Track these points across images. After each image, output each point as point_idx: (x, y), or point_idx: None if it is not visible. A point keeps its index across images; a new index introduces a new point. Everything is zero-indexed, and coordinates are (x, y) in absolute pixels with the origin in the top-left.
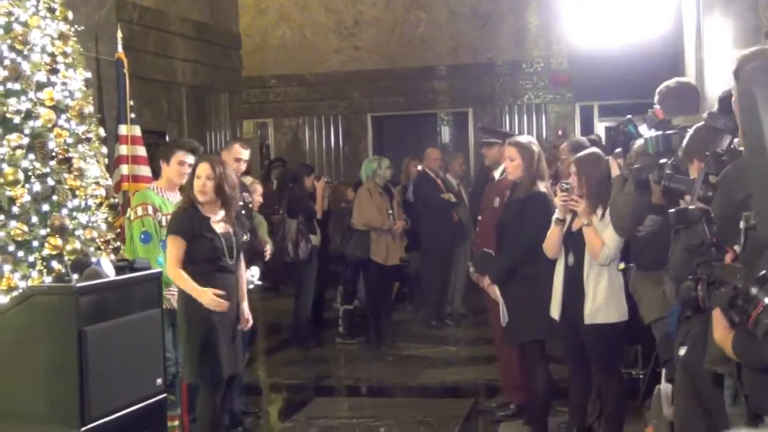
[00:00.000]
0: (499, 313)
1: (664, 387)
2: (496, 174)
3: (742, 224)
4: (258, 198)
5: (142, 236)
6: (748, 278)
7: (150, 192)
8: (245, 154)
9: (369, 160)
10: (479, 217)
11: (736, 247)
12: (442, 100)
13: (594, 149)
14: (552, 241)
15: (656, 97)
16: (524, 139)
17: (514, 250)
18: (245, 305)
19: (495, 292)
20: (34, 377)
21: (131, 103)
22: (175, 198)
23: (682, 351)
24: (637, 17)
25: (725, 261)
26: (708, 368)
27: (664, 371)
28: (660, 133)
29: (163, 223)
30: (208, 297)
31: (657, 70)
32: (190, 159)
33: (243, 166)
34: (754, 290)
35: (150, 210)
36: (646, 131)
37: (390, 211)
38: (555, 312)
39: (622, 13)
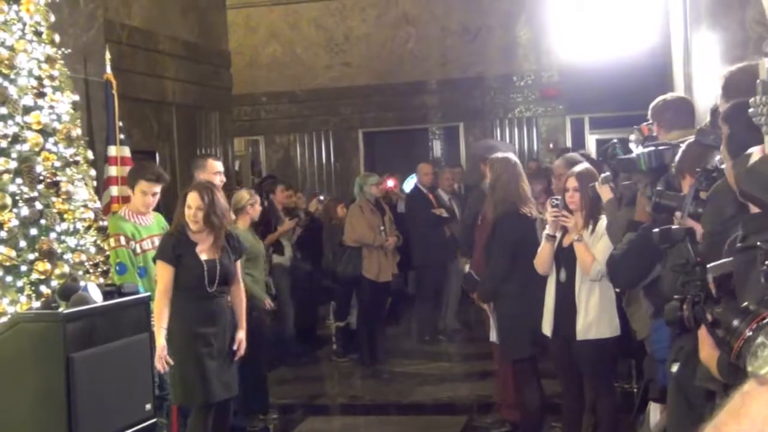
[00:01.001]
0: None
1: (652, 406)
2: None
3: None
4: (257, 209)
5: (117, 268)
6: (731, 308)
7: (120, 219)
8: (220, 165)
9: (360, 176)
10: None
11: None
12: (433, 115)
13: (588, 165)
14: (543, 257)
15: (650, 112)
16: (498, 155)
17: (492, 270)
18: (241, 333)
19: (489, 309)
20: (22, 404)
21: (120, 123)
22: (146, 221)
23: (675, 368)
24: (626, 31)
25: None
26: (699, 385)
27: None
28: (652, 149)
29: (138, 250)
30: (158, 347)
31: (646, 83)
32: (155, 188)
33: (222, 178)
34: (735, 322)
35: (123, 240)
36: (635, 148)
37: (382, 228)
38: (547, 328)
39: (611, 26)
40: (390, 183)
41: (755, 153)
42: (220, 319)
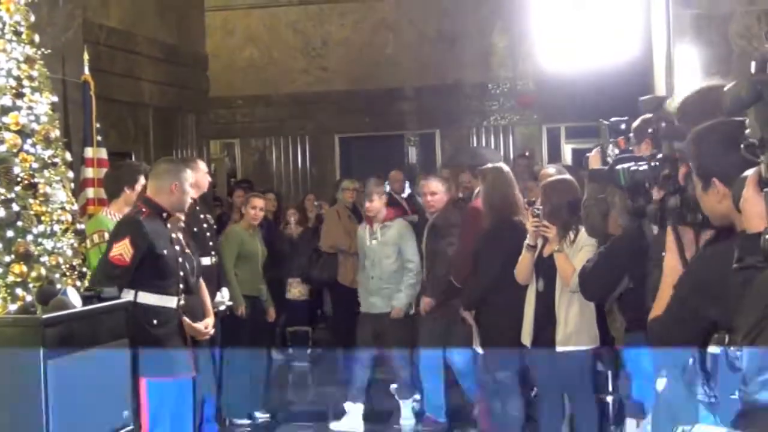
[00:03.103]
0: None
1: (629, 421)
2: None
3: None
4: (256, 212)
5: None
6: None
7: (104, 217)
8: (203, 166)
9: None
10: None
11: None
12: (410, 121)
13: (564, 176)
14: (523, 266)
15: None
16: (489, 165)
17: (483, 279)
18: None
19: (469, 318)
20: None
21: (97, 125)
22: None
23: (661, 385)
24: (605, 40)
25: None
26: None
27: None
28: (631, 164)
29: None
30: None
31: (624, 93)
32: None
33: (208, 178)
34: None
35: (106, 236)
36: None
37: None
38: (526, 338)
39: (590, 35)
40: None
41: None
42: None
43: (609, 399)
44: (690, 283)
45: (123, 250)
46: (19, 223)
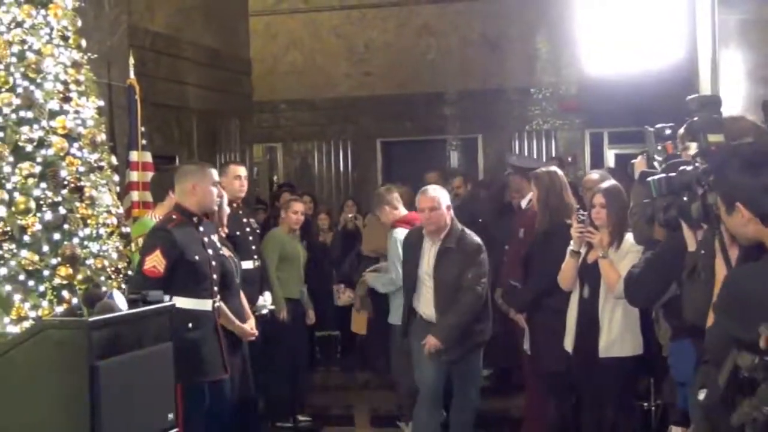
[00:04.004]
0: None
1: (674, 429)
2: (523, 203)
3: None
4: (297, 216)
5: None
6: None
7: (149, 221)
8: (242, 170)
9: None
10: (506, 247)
11: None
12: (452, 126)
13: (615, 181)
14: (567, 272)
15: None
16: (544, 169)
17: (537, 281)
18: None
19: (521, 321)
20: (46, 412)
21: (142, 129)
22: None
23: (702, 395)
24: (649, 44)
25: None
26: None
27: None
28: (664, 176)
29: None
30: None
31: (668, 98)
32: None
33: (245, 183)
34: None
35: None
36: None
37: None
38: (569, 344)
39: (634, 39)
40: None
41: None
42: None
43: (652, 407)
44: (722, 305)
45: (156, 261)
46: (66, 226)
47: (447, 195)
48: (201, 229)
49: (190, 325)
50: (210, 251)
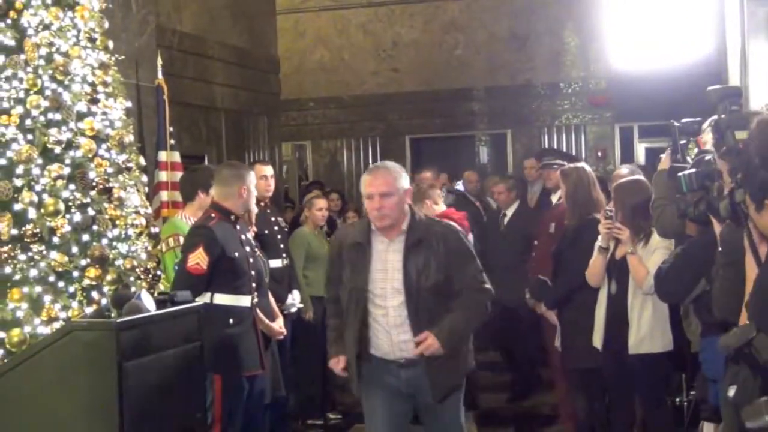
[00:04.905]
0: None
1: (705, 425)
2: (554, 198)
3: None
4: (322, 213)
5: (176, 267)
6: None
7: (178, 221)
8: (268, 170)
9: None
10: (535, 242)
11: None
12: (480, 122)
13: (636, 176)
14: (595, 269)
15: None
16: (572, 165)
17: (569, 277)
18: None
19: (552, 317)
20: (75, 412)
21: (171, 129)
22: None
23: (732, 392)
24: (678, 38)
25: None
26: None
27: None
28: (694, 171)
29: None
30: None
31: (698, 92)
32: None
33: (271, 182)
34: None
35: (181, 240)
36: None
37: None
38: (598, 341)
39: (662, 33)
40: None
41: None
42: None
43: (684, 402)
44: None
45: (199, 258)
46: (95, 227)
47: (406, 175)
48: (238, 227)
49: (231, 321)
50: (247, 248)
